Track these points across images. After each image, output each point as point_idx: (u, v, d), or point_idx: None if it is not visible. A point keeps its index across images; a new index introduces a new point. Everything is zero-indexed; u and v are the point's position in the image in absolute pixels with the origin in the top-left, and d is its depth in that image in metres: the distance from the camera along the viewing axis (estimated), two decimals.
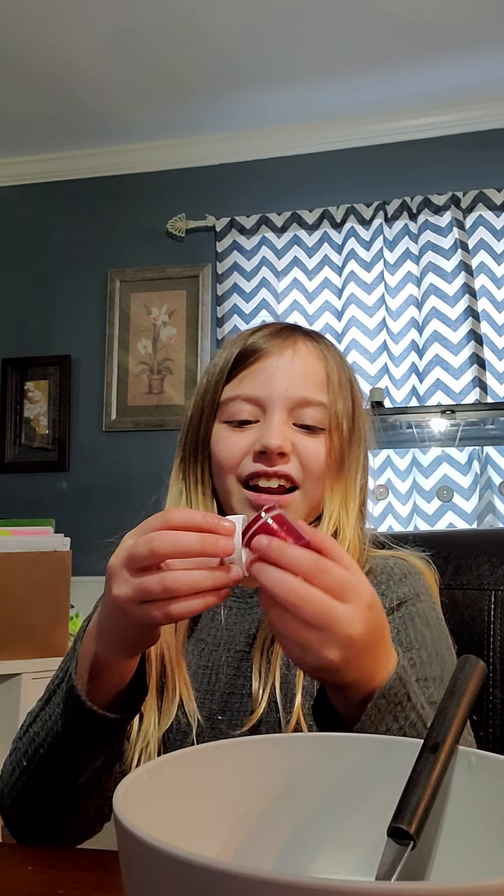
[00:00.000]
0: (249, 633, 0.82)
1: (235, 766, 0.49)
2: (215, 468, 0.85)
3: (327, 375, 0.85)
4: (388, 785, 0.47)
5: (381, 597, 0.79)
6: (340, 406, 0.84)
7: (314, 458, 0.82)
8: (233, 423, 0.84)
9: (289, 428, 0.82)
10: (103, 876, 0.59)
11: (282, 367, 0.83)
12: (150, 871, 0.34)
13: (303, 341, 0.86)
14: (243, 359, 0.84)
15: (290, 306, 2.72)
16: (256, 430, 0.82)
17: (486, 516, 2.46)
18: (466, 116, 2.67)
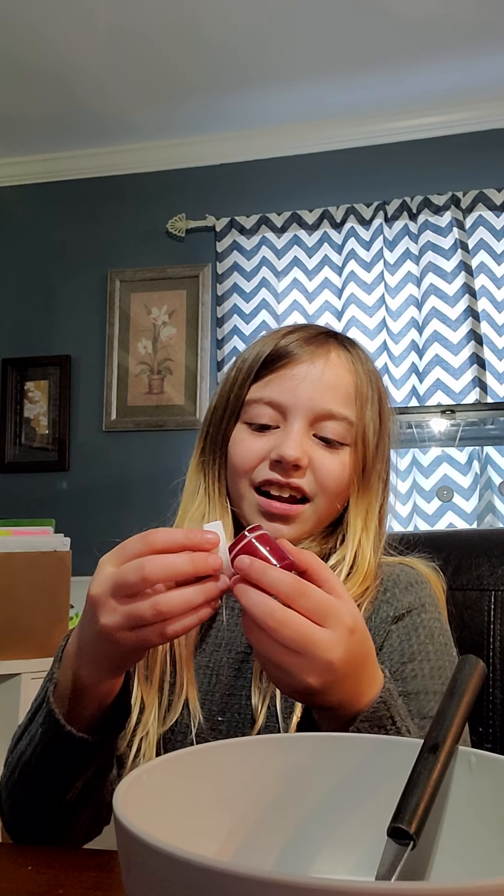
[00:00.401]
0: None
1: (235, 766, 0.49)
2: (230, 469, 0.84)
3: (356, 389, 0.83)
4: (388, 785, 0.47)
5: (386, 605, 0.79)
6: (367, 421, 0.83)
7: (329, 473, 0.81)
8: (253, 426, 0.83)
9: (308, 439, 0.81)
10: (103, 876, 0.59)
11: (310, 376, 0.81)
12: (149, 871, 0.33)
13: (336, 351, 0.84)
14: (273, 360, 0.83)
15: (290, 306, 2.72)
16: (275, 436, 0.81)
17: (486, 516, 2.46)
18: (466, 116, 2.67)
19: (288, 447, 0.78)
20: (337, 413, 0.81)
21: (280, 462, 0.79)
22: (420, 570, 0.85)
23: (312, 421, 0.81)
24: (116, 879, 0.55)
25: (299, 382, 0.81)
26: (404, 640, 0.77)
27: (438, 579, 0.85)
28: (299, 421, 0.80)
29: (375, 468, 0.84)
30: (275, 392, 0.82)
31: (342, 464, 0.81)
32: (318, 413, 0.81)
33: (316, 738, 0.52)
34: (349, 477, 0.83)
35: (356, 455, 0.82)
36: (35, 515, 2.30)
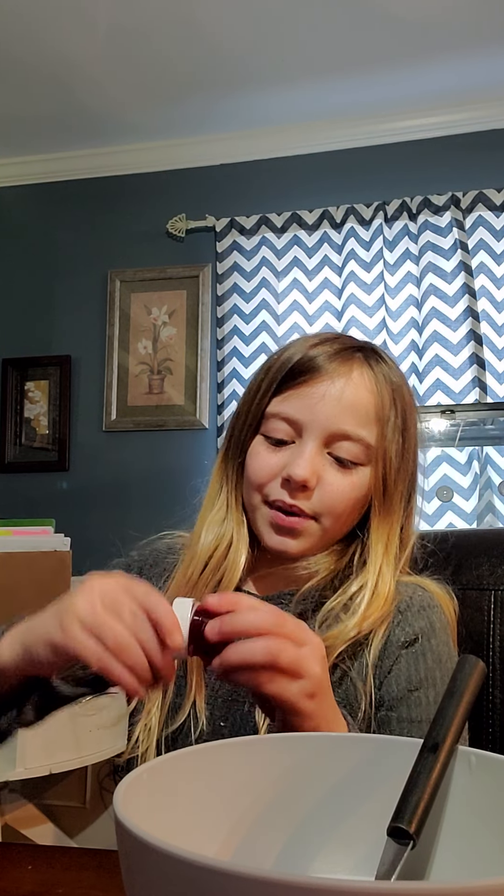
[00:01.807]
0: None
1: (235, 765, 0.49)
2: (245, 480, 0.85)
3: (377, 410, 0.82)
4: (388, 785, 0.47)
5: (398, 628, 0.79)
6: (388, 443, 0.82)
7: (338, 493, 0.80)
8: (270, 440, 0.83)
9: (321, 458, 0.80)
10: (103, 875, 0.59)
11: (330, 395, 0.80)
12: (149, 871, 0.33)
13: (359, 370, 0.83)
14: (296, 374, 0.82)
15: (290, 306, 2.72)
16: (289, 453, 0.81)
17: (485, 516, 2.46)
18: (466, 116, 2.67)
19: (298, 467, 0.79)
20: (353, 434, 0.80)
21: (289, 481, 0.79)
22: (433, 592, 0.84)
23: (327, 440, 0.81)
24: (116, 879, 0.55)
25: (318, 401, 0.80)
26: (412, 665, 0.77)
27: (450, 602, 0.85)
28: (313, 440, 0.80)
29: (398, 489, 0.84)
30: (292, 409, 0.81)
31: (352, 485, 0.81)
32: (333, 433, 0.80)
33: (316, 738, 0.52)
34: (363, 497, 0.82)
35: (376, 476, 0.82)
36: (35, 515, 2.30)
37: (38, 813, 2.08)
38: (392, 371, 0.85)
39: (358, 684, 0.77)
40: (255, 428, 0.84)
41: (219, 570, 0.83)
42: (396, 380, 0.85)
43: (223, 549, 0.84)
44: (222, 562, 0.83)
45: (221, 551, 0.84)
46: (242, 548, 0.84)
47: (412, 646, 0.79)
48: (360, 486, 0.81)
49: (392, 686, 0.77)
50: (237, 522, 0.85)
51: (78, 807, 2.18)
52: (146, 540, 0.96)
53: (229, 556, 0.84)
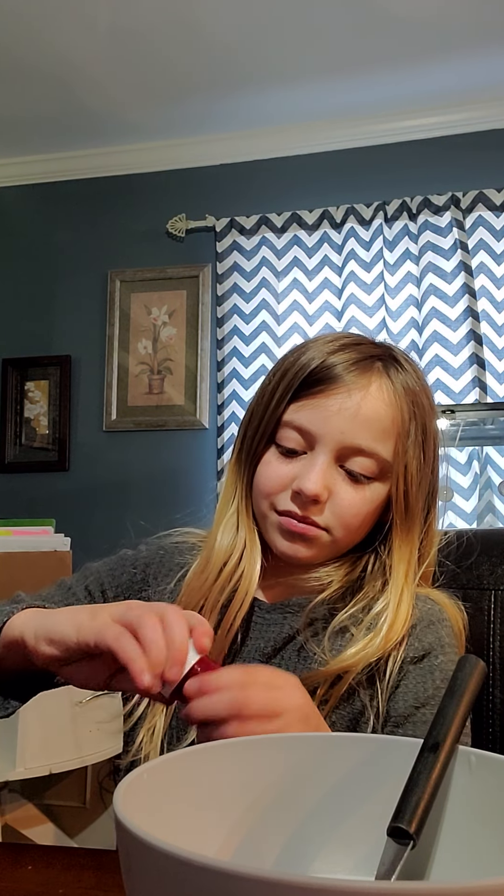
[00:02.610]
0: (264, 652, 0.81)
1: (235, 765, 0.49)
2: (255, 487, 0.83)
3: (395, 425, 0.79)
4: (388, 785, 0.47)
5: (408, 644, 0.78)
6: (409, 458, 0.80)
7: (349, 508, 0.78)
8: (281, 449, 0.81)
9: (332, 471, 0.78)
10: (103, 875, 0.59)
11: (346, 408, 0.77)
12: (149, 871, 0.33)
13: (378, 382, 0.79)
14: (313, 382, 0.79)
15: (290, 306, 2.72)
16: (301, 464, 0.79)
17: (485, 516, 2.46)
18: (466, 116, 2.67)
19: (308, 481, 0.77)
20: (367, 449, 0.78)
21: (300, 494, 0.78)
22: (442, 605, 0.83)
23: (340, 454, 0.78)
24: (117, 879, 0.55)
25: (333, 414, 0.77)
26: (419, 682, 0.77)
27: (460, 615, 0.84)
28: (326, 453, 0.78)
29: (419, 504, 0.82)
30: (306, 419, 0.79)
31: (364, 499, 0.79)
32: (347, 447, 0.78)
33: (316, 738, 0.52)
34: (376, 511, 0.81)
35: (397, 493, 0.80)
36: (35, 515, 2.30)
37: (38, 813, 2.08)
38: (410, 377, 0.82)
39: (366, 700, 0.76)
40: (268, 435, 0.81)
41: (233, 579, 0.81)
42: (415, 387, 0.82)
43: (237, 556, 0.83)
44: (236, 569, 0.82)
45: (236, 558, 0.83)
46: (257, 555, 0.83)
47: (421, 662, 0.78)
48: (373, 501, 0.80)
49: (399, 702, 0.76)
50: (249, 531, 0.84)
51: (78, 807, 2.18)
52: (157, 535, 0.95)
53: (243, 563, 0.82)
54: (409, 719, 0.75)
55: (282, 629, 0.82)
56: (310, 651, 0.79)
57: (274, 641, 0.81)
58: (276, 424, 0.81)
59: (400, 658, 0.77)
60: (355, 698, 0.76)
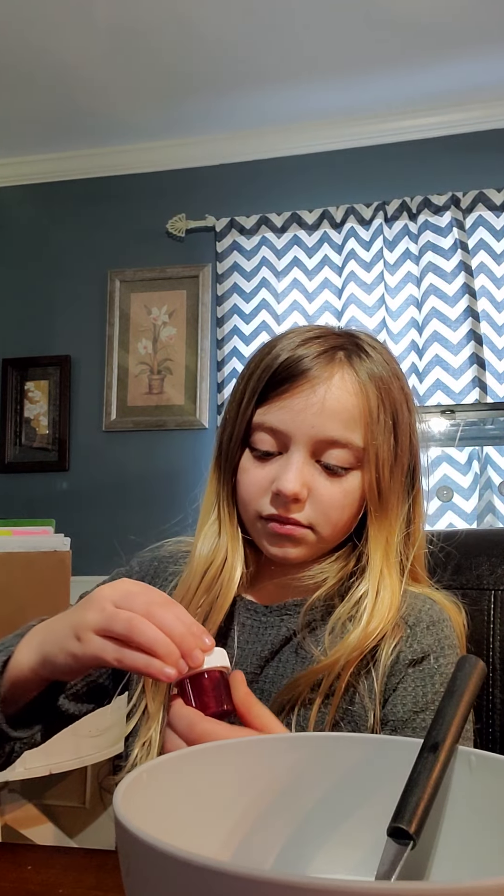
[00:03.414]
0: (261, 656, 0.80)
1: (235, 765, 0.49)
2: (238, 497, 0.83)
3: (362, 413, 0.78)
4: (388, 785, 0.47)
5: (406, 644, 0.78)
6: (379, 444, 0.79)
7: (331, 502, 0.78)
8: (256, 453, 0.80)
9: (309, 467, 0.78)
10: (103, 875, 0.59)
11: (311, 403, 0.77)
12: (149, 871, 0.33)
13: (341, 372, 0.79)
14: (277, 382, 0.79)
15: (290, 306, 2.72)
16: (277, 465, 0.79)
17: (485, 516, 2.46)
18: (466, 116, 2.67)
19: (286, 481, 0.76)
20: (340, 439, 0.77)
21: (279, 495, 0.77)
22: (442, 605, 0.82)
23: (314, 449, 0.78)
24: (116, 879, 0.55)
25: (300, 411, 0.77)
26: (419, 686, 0.76)
27: (460, 616, 0.83)
28: (300, 450, 0.78)
29: (394, 491, 0.81)
30: (275, 419, 0.78)
31: (344, 491, 0.79)
32: (319, 441, 0.77)
33: (316, 738, 0.52)
34: (358, 501, 0.80)
35: (369, 480, 0.79)
36: (35, 515, 2.30)
37: (38, 813, 2.08)
38: (377, 364, 0.81)
39: (366, 700, 0.75)
40: (241, 440, 0.81)
41: (213, 588, 0.81)
42: (383, 373, 0.81)
43: (218, 565, 0.82)
44: (217, 578, 0.82)
45: (217, 566, 0.82)
46: (238, 563, 0.82)
47: (420, 664, 0.77)
48: (353, 491, 0.79)
49: (397, 706, 0.75)
50: (231, 537, 0.83)
51: (78, 807, 2.18)
52: (149, 548, 0.95)
53: (224, 572, 0.82)
54: (408, 724, 0.75)
55: (279, 631, 0.81)
56: (307, 650, 0.79)
57: (271, 644, 0.81)
58: (248, 428, 0.80)
59: (394, 650, 0.77)
60: (356, 698, 0.76)
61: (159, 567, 0.91)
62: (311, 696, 0.75)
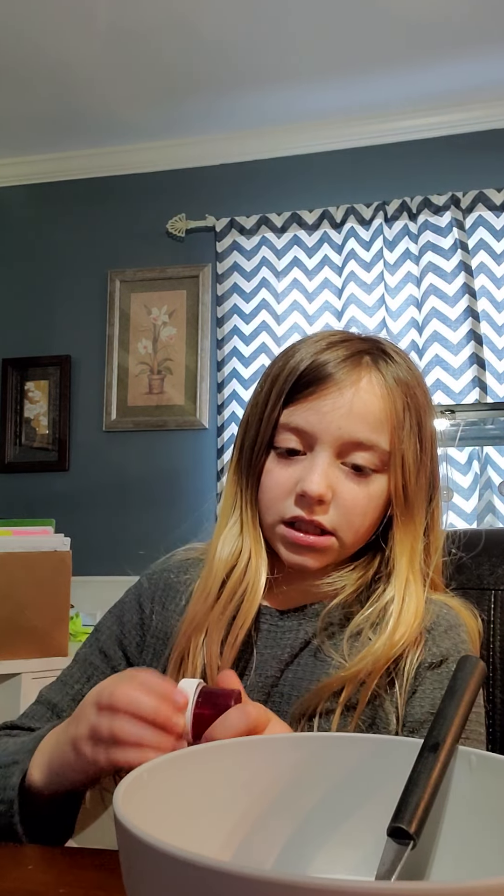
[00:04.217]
0: (281, 659, 0.80)
1: (236, 765, 0.49)
2: (260, 497, 0.81)
3: (389, 416, 0.78)
4: (388, 785, 0.47)
5: (425, 649, 0.77)
6: (405, 448, 0.79)
7: (354, 506, 0.77)
8: (280, 452, 0.80)
9: (334, 469, 0.78)
10: (103, 875, 0.59)
11: (339, 405, 0.77)
12: (150, 871, 0.34)
13: (368, 376, 0.79)
14: (304, 385, 0.79)
15: (290, 306, 2.72)
16: (301, 466, 0.78)
17: (485, 516, 2.46)
18: (466, 116, 2.67)
19: (311, 482, 0.76)
20: (366, 442, 0.77)
21: (304, 496, 0.77)
22: (458, 612, 0.82)
23: (340, 451, 0.78)
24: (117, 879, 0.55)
25: (328, 413, 0.77)
26: (437, 689, 0.76)
27: (475, 622, 0.83)
28: (325, 451, 0.77)
29: (419, 496, 0.81)
30: (302, 420, 0.78)
31: (368, 495, 0.78)
32: (345, 442, 0.77)
33: (316, 739, 0.52)
34: (381, 506, 0.80)
35: (395, 485, 0.79)
36: (35, 515, 2.30)
37: None
38: (402, 369, 0.81)
39: (389, 712, 0.75)
40: (266, 442, 0.80)
41: (238, 591, 0.80)
42: (408, 378, 0.81)
43: (242, 567, 0.81)
44: (241, 581, 0.80)
45: (241, 569, 0.81)
46: (262, 566, 0.81)
47: (438, 667, 0.76)
48: (378, 495, 0.79)
49: (415, 708, 0.75)
50: (254, 540, 0.82)
51: None
52: (157, 562, 0.93)
53: (248, 575, 0.81)
54: (425, 726, 0.74)
55: (297, 635, 0.81)
56: (326, 655, 0.78)
57: (290, 648, 0.80)
58: (273, 430, 0.80)
59: (417, 660, 0.76)
60: (377, 704, 0.75)
61: (169, 581, 0.89)
62: (330, 706, 0.74)
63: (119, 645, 0.86)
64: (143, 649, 0.85)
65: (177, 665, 0.79)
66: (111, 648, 0.86)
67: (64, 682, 0.86)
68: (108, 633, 0.87)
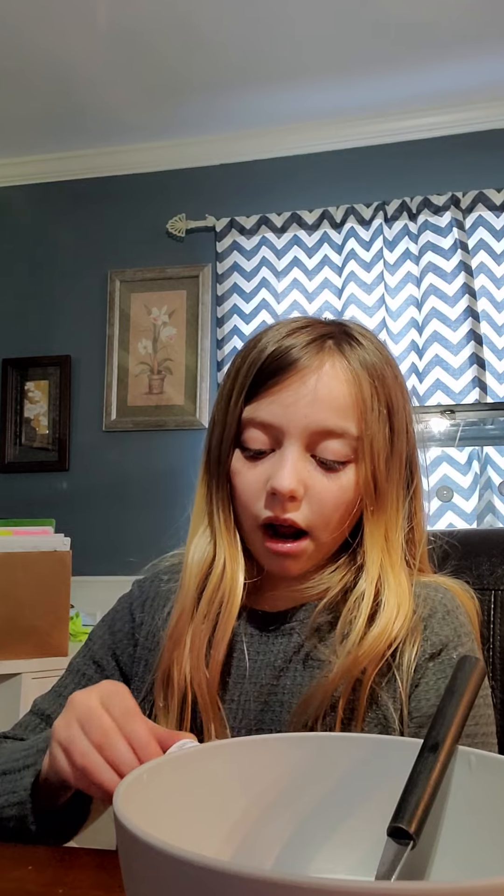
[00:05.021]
0: (275, 666, 0.77)
1: (235, 765, 0.49)
2: (236, 501, 0.78)
3: (355, 401, 0.75)
4: (388, 785, 0.47)
5: (424, 640, 0.75)
6: (373, 433, 0.75)
7: (327, 502, 0.74)
8: (247, 453, 0.77)
9: (304, 463, 0.74)
10: (103, 875, 0.59)
11: (302, 394, 0.74)
12: (149, 871, 0.33)
13: (331, 361, 0.75)
14: (265, 376, 0.75)
15: (290, 306, 2.72)
16: (270, 463, 0.75)
17: (486, 516, 2.46)
18: (466, 116, 2.67)
19: (281, 477, 0.72)
20: (335, 429, 0.74)
21: (275, 494, 0.73)
22: (453, 591, 0.80)
23: (309, 442, 0.74)
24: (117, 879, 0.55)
25: (291, 403, 0.74)
26: (441, 679, 0.73)
27: (472, 601, 0.81)
28: (294, 444, 0.74)
29: (391, 483, 0.77)
30: (266, 413, 0.75)
31: (341, 488, 0.75)
32: (314, 432, 0.74)
33: (316, 739, 0.52)
34: (354, 499, 0.76)
35: (365, 472, 0.75)
36: (35, 515, 2.30)
37: None
38: (368, 352, 0.78)
39: (391, 708, 0.73)
40: (232, 440, 0.77)
41: (216, 600, 0.77)
42: (375, 361, 0.77)
43: (217, 574, 0.78)
44: (217, 589, 0.78)
45: (216, 577, 0.78)
46: (239, 572, 0.78)
47: (438, 657, 0.74)
48: (349, 488, 0.75)
49: (421, 702, 0.73)
50: (228, 545, 0.79)
51: None
52: (147, 566, 0.90)
53: (224, 582, 0.78)
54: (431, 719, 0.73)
55: (290, 640, 0.78)
56: (316, 659, 0.76)
57: (283, 653, 0.78)
58: (238, 427, 0.77)
59: (416, 652, 0.74)
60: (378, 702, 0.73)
61: (158, 588, 0.87)
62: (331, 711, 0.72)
63: (112, 654, 0.85)
64: (135, 660, 0.84)
65: (163, 682, 0.77)
66: (104, 658, 0.85)
67: (58, 693, 0.85)
68: (101, 643, 0.86)
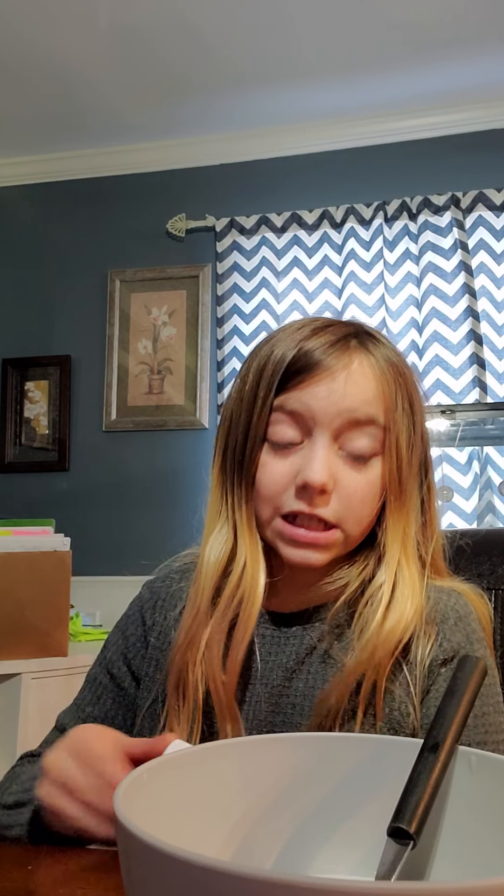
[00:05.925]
0: (287, 667, 0.76)
1: (236, 765, 0.49)
2: (256, 494, 0.77)
3: (383, 395, 0.76)
4: (388, 785, 0.47)
5: (436, 646, 0.75)
6: (400, 427, 0.76)
7: (356, 496, 0.75)
8: (275, 446, 0.76)
9: (334, 456, 0.75)
10: (103, 876, 0.59)
11: (333, 390, 0.74)
12: (149, 871, 0.33)
13: (359, 359, 0.76)
14: (293, 374, 0.76)
15: (290, 306, 2.72)
16: (300, 456, 0.75)
17: (486, 516, 2.46)
18: (466, 116, 2.67)
19: (313, 471, 0.72)
20: (364, 417, 0.74)
21: (305, 487, 0.73)
22: (467, 596, 0.80)
23: (339, 433, 0.75)
24: (116, 879, 0.55)
25: (323, 398, 0.74)
26: None
27: (485, 607, 0.81)
28: (324, 434, 0.74)
29: (412, 479, 0.78)
30: (297, 403, 0.75)
31: (369, 483, 0.75)
32: (343, 421, 0.74)
33: (316, 739, 0.52)
34: (380, 493, 0.77)
35: (389, 468, 0.76)
36: (35, 515, 2.30)
37: None
38: (389, 350, 0.80)
39: (405, 705, 0.73)
40: (259, 438, 0.76)
41: (235, 600, 0.76)
42: (395, 359, 0.79)
43: (237, 574, 0.77)
44: (237, 589, 0.76)
45: (236, 576, 0.77)
46: (260, 572, 0.77)
47: (451, 663, 0.74)
48: (376, 482, 0.76)
49: (431, 708, 0.73)
50: (250, 544, 0.78)
51: None
52: (158, 568, 0.90)
53: (244, 582, 0.76)
54: None
55: (302, 640, 0.78)
56: (336, 658, 0.75)
57: (296, 654, 0.77)
58: (267, 424, 0.76)
59: (429, 652, 0.74)
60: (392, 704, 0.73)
61: (170, 590, 0.86)
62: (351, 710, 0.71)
63: (124, 660, 0.84)
64: (146, 660, 0.83)
65: (175, 685, 0.76)
66: (116, 666, 0.85)
67: (77, 706, 0.85)
68: (114, 650, 0.86)
